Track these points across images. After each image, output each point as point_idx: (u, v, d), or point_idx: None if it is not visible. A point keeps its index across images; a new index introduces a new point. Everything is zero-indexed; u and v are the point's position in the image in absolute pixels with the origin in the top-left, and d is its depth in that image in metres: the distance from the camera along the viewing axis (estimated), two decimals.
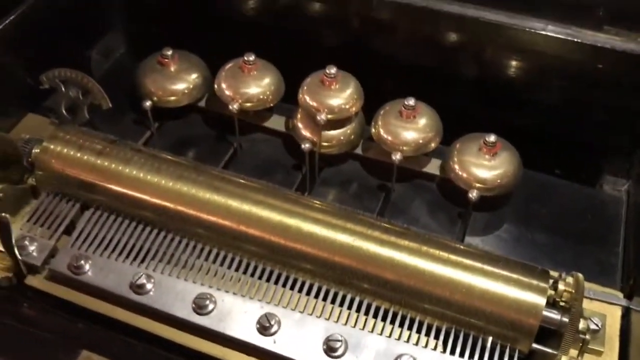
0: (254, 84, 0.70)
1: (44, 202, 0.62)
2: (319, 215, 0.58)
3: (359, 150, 0.71)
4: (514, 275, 0.54)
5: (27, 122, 0.73)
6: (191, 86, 0.73)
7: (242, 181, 0.61)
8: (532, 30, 0.67)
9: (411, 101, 0.65)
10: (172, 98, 0.73)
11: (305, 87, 0.67)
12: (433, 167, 0.69)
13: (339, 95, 0.66)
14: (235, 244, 0.58)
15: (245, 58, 0.69)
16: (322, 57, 0.74)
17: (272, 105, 0.71)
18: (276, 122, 0.74)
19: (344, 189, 0.69)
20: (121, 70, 0.84)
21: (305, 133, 0.69)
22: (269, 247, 0.57)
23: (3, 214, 0.55)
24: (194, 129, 0.75)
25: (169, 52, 0.72)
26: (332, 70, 0.65)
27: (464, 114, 0.71)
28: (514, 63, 0.71)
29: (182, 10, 0.82)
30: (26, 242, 0.59)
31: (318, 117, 0.64)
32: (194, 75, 0.73)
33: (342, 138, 0.69)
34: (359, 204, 0.67)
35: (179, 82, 0.72)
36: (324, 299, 0.56)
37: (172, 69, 0.72)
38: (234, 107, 0.68)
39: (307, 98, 0.67)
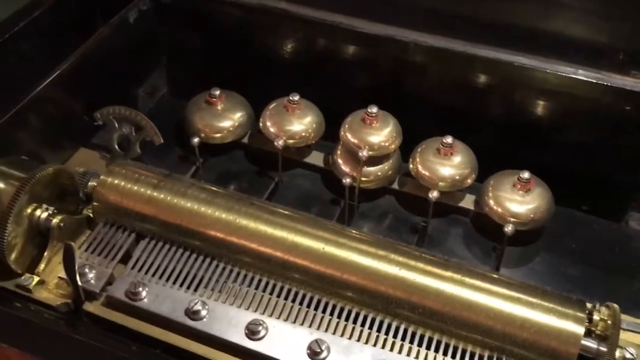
0: (297, 122, 0.74)
1: (100, 232, 0.66)
2: (364, 246, 0.61)
3: (395, 185, 0.74)
4: (552, 305, 0.57)
5: (79, 156, 0.77)
6: (236, 124, 0.77)
7: (290, 213, 0.64)
8: (564, 74, 0.71)
9: (449, 139, 0.69)
10: (218, 135, 0.77)
11: (347, 125, 0.71)
12: (467, 202, 0.72)
13: (379, 133, 0.70)
14: (285, 273, 0.61)
15: (290, 98, 0.73)
16: (357, 98, 0.78)
17: (313, 142, 0.75)
18: (315, 158, 0.78)
19: (382, 222, 0.72)
20: (164, 108, 0.88)
21: (345, 168, 0.73)
22: (317, 276, 0.60)
23: (69, 242, 0.58)
24: (237, 164, 0.79)
25: (217, 92, 0.76)
26: (374, 109, 0.69)
27: (494, 152, 0.74)
28: (544, 104, 0.74)
29: (221, 52, 0.87)
30: (86, 270, 0.62)
31: (360, 154, 0.68)
32: (238, 114, 0.77)
33: (379, 174, 0.72)
34: (397, 237, 0.70)
35: (225, 120, 0.77)
36: (370, 327, 0.58)
37: (219, 107, 0.76)
38: (279, 143, 0.72)
39: (349, 135, 0.71)
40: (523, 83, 0.74)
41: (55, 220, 0.64)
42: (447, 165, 0.69)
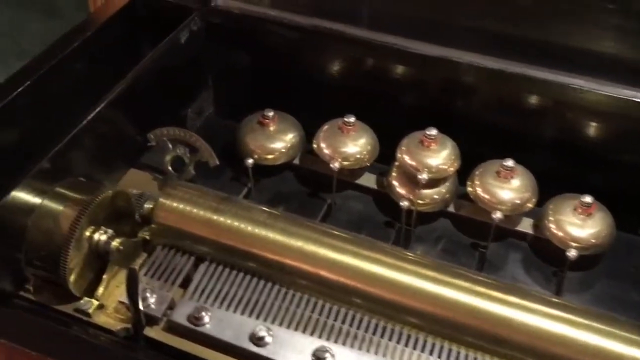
0: (351, 144, 0.73)
1: (159, 256, 0.65)
2: (431, 272, 0.60)
3: (451, 208, 0.73)
4: (625, 333, 0.56)
5: (130, 177, 0.77)
6: (288, 145, 0.76)
7: (352, 237, 0.63)
8: (619, 96, 0.70)
9: (509, 162, 0.68)
10: (270, 156, 0.76)
11: (403, 147, 0.71)
12: (524, 225, 0.71)
13: (438, 155, 0.69)
14: (348, 298, 0.60)
15: (345, 119, 0.73)
16: (408, 119, 0.77)
17: (368, 164, 0.74)
18: (367, 180, 0.77)
19: (439, 246, 0.71)
20: (211, 128, 0.88)
21: (401, 191, 0.72)
22: (381, 302, 0.60)
23: (133, 266, 0.58)
24: (288, 185, 0.79)
25: (270, 113, 0.75)
26: (433, 131, 0.69)
27: (548, 175, 0.73)
28: (600, 126, 0.73)
29: (268, 73, 0.86)
30: (147, 294, 0.61)
31: (419, 177, 0.67)
32: (290, 135, 0.77)
33: (436, 197, 0.71)
34: (454, 261, 0.69)
35: (278, 141, 0.76)
36: (439, 355, 0.57)
37: (272, 128, 0.76)
38: (335, 165, 0.71)
39: (407, 157, 0.70)
40: (578, 105, 0.73)
41: (114, 244, 0.63)
42: (507, 188, 0.68)
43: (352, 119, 0.72)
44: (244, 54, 0.85)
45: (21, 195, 0.61)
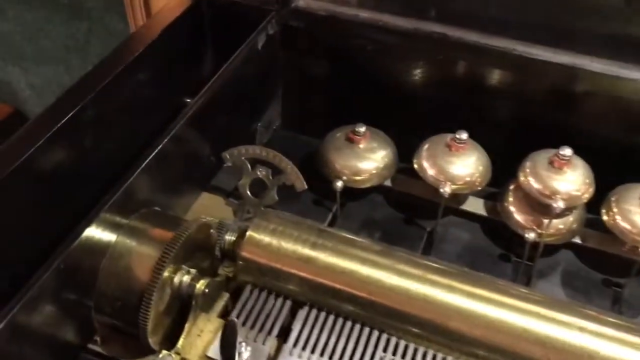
0: (461, 165, 0.63)
1: (249, 299, 0.55)
2: (572, 319, 0.50)
3: (577, 240, 0.63)
4: None
5: (202, 202, 0.67)
6: (381, 165, 0.66)
7: (476, 278, 0.53)
8: None
9: None
10: (359, 178, 0.66)
11: (528, 169, 0.61)
12: None
13: (571, 179, 0.59)
14: (475, 352, 0.51)
15: (457, 136, 0.62)
16: (512, 135, 0.68)
17: (479, 188, 0.64)
18: (473, 204, 0.67)
19: (567, 283, 0.62)
20: (279, 143, 0.78)
21: (519, 218, 0.62)
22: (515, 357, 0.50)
23: (232, 318, 0.48)
24: (379, 210, 0.69)
25: (362, 129, 0.65)
26: (567, 151, 0.59)
27: None
28: None
29: (347, 82, 0.76)
30: (242, 349, 0.51)
31: (554, 205, 0.57)
32: (382, 153, 0.67)
33: (561, 226, 0.61)
34: (587, 301, 0.59)
35: (369, 160, 0.66)
36: None
37: (362, 146, 0.66)
38: (446, 190, 0.61)
39: (532, 180, 0.60)
40: None
41: (199, 286, 0.53)
42: None
43: (464, 136, 0.62)
44: (323, 61, 0.75)
45: (94, 234, 0.51)
